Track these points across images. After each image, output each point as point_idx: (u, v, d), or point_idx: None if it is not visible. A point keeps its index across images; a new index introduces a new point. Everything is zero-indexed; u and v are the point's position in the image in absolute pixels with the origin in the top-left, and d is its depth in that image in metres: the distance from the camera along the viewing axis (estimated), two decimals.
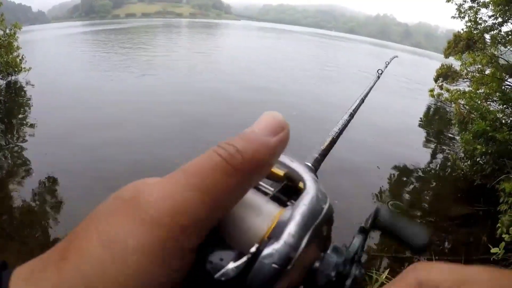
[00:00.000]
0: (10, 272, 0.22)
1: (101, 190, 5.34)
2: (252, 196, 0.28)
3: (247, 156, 0.24)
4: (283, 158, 0.33)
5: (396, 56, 2.21)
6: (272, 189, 0.32)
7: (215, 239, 0.25)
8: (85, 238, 0.22)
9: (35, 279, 0.21)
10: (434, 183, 7.25)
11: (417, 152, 8.60)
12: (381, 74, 1.46)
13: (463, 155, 6.73)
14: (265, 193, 0.31)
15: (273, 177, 0.34)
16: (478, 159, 6.20)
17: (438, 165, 8.20)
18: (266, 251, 0.24)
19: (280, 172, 0.34)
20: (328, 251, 0.29)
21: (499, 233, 4.30)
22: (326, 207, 0.29)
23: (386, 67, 1.71)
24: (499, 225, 4.44)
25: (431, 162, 8.30)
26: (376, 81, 1.33)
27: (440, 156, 8.83)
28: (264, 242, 0.25)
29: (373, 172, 6.93)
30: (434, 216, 5.76)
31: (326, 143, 0.65)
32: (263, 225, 0.26)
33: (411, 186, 6.89)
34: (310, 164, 0.54)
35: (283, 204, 0.29)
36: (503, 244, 3.59)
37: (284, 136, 0.26)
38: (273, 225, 0.26)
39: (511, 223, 4.26)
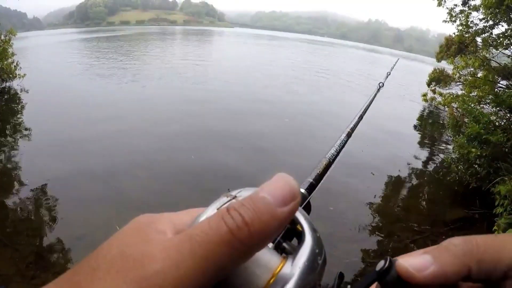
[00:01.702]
0: None
1: (94, 197, 5.30)
2: None
3: (255, 230, 0.23)
4: None
5: (398, 59, 2.11)
6: (282, 240, 0.32)
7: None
8: None
9: None
10: (430, 187, 7.26)
11: (411, 156, 8.61)
12: (381, 86, 1.37)
13: (457, 158, 6.73)
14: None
15: None
16: (472, 162, 6.20)
17: (433, 169, 8.21)
18: None
19: None
20: None
21: None
22: (321, 262, 0.29)
23: (387, 77, 1.60)
24: (495, 228, 4.44)
25: (426, 165, 8.32)
26: (376, 94, 1.25)
27: (434, 159, 8.85)
28: None
29: (368, 178, 6.92)
30: (430, 220, 5.75)
31: (322, 167, 0.62)
32: (263, 278, 0.26)
33: (406, 191, 6.88)
34: (303, 191, 0.52)
35: (280, 249, 0.30)
36: None
37: (295, 206, 0.25)
38: (273, 279, 0.26)
39: (507, 225, 4.26)
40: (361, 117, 0.95)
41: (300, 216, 0.32)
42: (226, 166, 6.68)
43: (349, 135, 0.80)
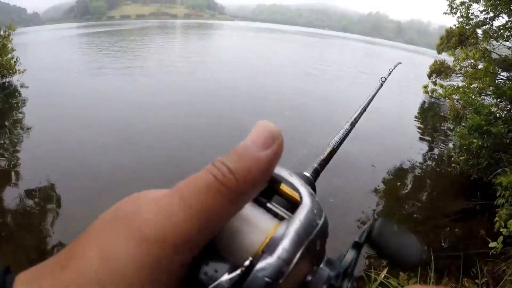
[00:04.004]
0: (13, 277, 0.24)
1: (96, 192, 5.31)
2: (247, 208, 0.28)
3: (240, 176, 0.24)
4: (279, 170, 0.33)
5: (400, 63, 2.13)
6: (265, 200, 0.31)
7: (209, 251, 0.26)
8: (84, 250, 0.23)
9: (35, 285, 0.23)
10: (430, 179, 7.26)
11: (412, 148, 8.61)
12: (384, 81, 1.40)
13: (458, 150, 6.73)
14: (259, 203, 0.31)
15: None
16: (474, 153, 6.20)
17: (434, 161, 8.21)
18: (260, 265, 0.24)
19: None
20: (321, 265, 0.29)
21: (497, 227, 4.31)
22: (321, 222, 0.29)
23: (390, 74, 1.63)
24: (496, 219, 4.46)
25: (426, 157, 8.31)
26: (379, 89, 1.28)
27: (435, 151, 8.85)
28: (258, 256, 0.25)
29: (368, 171, 6.93)
30: (431, 212, 5.76)
31: (326, 153, 0.65)
32: (258, 239, 0.26)
33: (407, 183, 6.88)
34: (308, 175, 0.54)
35: (277, 216, 0.30)
36: (501, 238, 3.59)
37: (277, 148, 0.26)
38: (267, 239, 0.26)
39: (508, 217, 4.27)
40: (364, 109, 0.98)
41: (298, 183, 0.32)
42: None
43: (352, 124, 0.83)
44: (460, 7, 8.58)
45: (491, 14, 8.09)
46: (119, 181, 5.74)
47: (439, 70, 11.96)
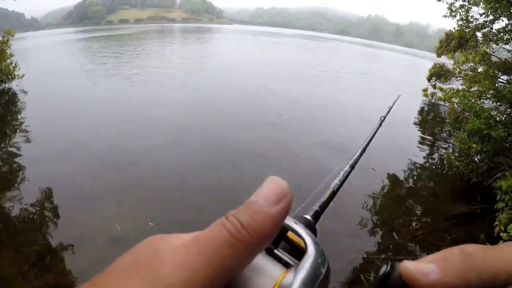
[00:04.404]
0: None
1: (93, 198, 5.31)
2: (257, 256, 0.29)
3: (252, 231, 0.25)
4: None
5: (400, 96, 2.12)
6: (273, 246, 0.33)
7: None
8: None
9: None
10: (431, 182, 7.24)
11: (412, 152, 8.59)
12: (383, 121, 1.36)
13: (458, 154, 6.71)
14: (267, 249, 0.32)
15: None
16: (473, 158, 6.18)
17: (434, 165, 8.19)
18: None
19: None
20: None
21: (497, 231, 4.29)
22: (324, 271, 0.30)
23: (388, 112, 1.58)
24: (496, 223, 4.44)
25: (426, 161, 8.30)
26: (378, 128, 1.26)
27: (435, 155, 8.83)
28: None
29: (368, 174, 6.91)
30: (431, 215, 5.74)
31: (327, 196, 0.68)
32: (267, 287, 0.28)
33: (408, 186, 6.87)
34: (309, 217, 0.55)
35: (284, 263, 0.31)
36: (501, 242, 3.56)
37: (287, 204, 0.27)
38: (276, 287, 0.27)
39: (508, 221, 4.26)
40: (363, 150, 0.99)
41: (303, 232, 0.34)
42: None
43: (352, 166, 0.87)
44: (460, 10, 8.60)
45: (491, 17, 8.12)
46: (118, 185, 5.75)
47: (438, 73, 11.97)
